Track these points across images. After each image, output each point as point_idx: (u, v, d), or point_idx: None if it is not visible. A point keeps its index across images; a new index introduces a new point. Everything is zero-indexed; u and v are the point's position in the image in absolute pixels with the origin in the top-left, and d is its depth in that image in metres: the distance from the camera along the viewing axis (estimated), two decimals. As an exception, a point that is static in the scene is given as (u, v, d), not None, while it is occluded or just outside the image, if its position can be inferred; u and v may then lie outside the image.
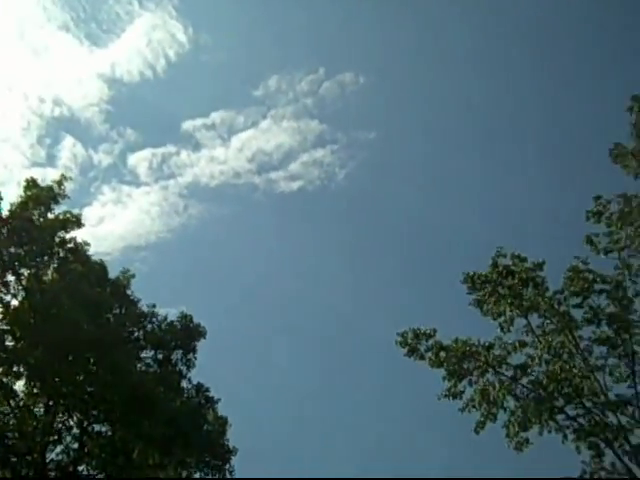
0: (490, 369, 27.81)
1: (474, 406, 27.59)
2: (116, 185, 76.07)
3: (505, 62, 73.52)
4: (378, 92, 77.28)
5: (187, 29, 76.95)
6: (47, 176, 34.37)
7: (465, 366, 27.80)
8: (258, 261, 73.55)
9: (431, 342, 28.23)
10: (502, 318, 28.36)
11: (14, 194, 32.95)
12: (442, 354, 27.90)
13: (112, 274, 34.39)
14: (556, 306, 28.03)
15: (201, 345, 34.27)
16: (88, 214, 67.43)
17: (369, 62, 76.37)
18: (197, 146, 77.93)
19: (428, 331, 28.32)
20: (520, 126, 73.42)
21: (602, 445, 26.82)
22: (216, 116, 73.97)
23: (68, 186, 33.70)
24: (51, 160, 70.84)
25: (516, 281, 28.38)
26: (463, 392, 27.95)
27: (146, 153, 73.63)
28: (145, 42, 75.53)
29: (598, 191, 28.90)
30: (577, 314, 28.11)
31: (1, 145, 71.49)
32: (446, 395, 27.91)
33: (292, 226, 75.27)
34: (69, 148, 72.01)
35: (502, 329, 28.36)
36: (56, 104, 79.91)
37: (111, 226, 70.60)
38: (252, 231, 75.07)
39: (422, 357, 28.25)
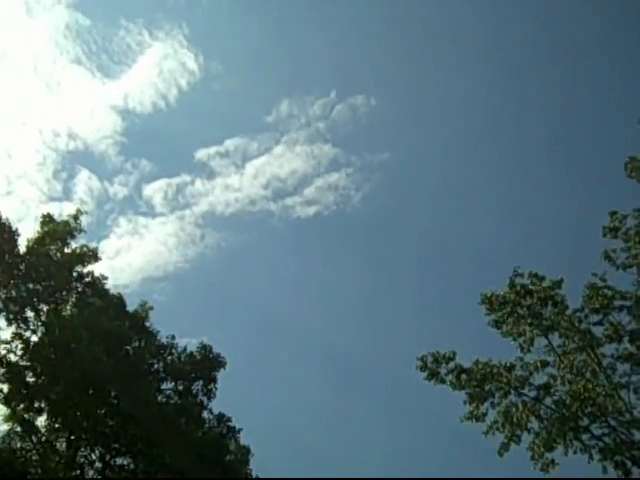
0: (512, 390, 27.52)
1: (498, 428, 27.29)
2: (132, 217, 76.29)
3: (519, 78, 73.53)
4: (390, 113, 77.49)
5: (198, 57, 77.55)
6: (64, 210, 34.93)
7: (487, 388, 27.53)
8: (276, 288, 73.57)
9: (451, 365, 27.99)
10: (522, 338, 28.09)
11: (31, 229, 33.31)
12: (463, 377, 27.65)
13: (131, 306, 34.62)
14: (576, 324, 27.73)
15: (221, 375, 34.29)
16: (105, 247, 67.91)
17: (380, 84, 76.68)
18: (211, 174, 78.19)
19: (448, 354, 28.07)
20: (535, 142, 73.45)
21: (629, 464, 26.45)
22: (229, 143, 74.26)
23: (84, 220, 34.04)
24: (67, 194, 71.25)
25: (535, 300, 28.15)
26: (486, 414, 27.67)
27: (161, 183, 73.89)
28: (157, 72, 76.10)
29: (614, 206, 28.74)
30: (598, 331, 27.85)
31: (18, 181, 72.25)
32: (469, 418, 27.63)
33: (309, 251, 75.35)
34: (85, 181, 72.41)
35: (522, 349, 28.05)
36: (70, 138, 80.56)
37: (128, 258, 70.77)
38: (269, 258, 75.12)
39: (442, 381, 28.00)
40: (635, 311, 27.33)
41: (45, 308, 31.90)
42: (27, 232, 33.01)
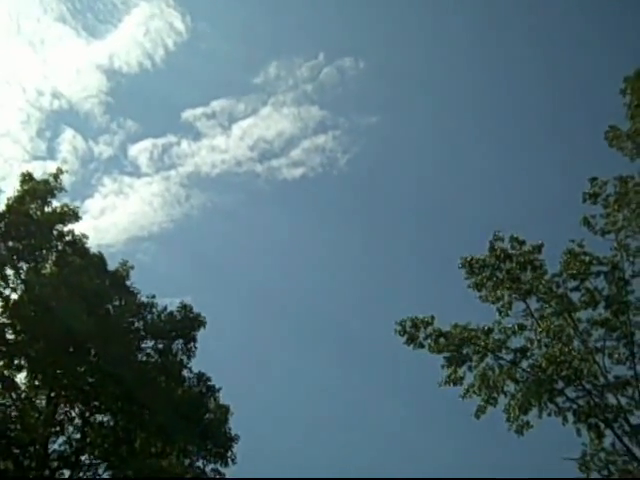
0: (489, 353, 27.88)
1: (475, 391, 27.68)
2: (117, 176, 76.15)
3: (504, 45, 73.53)
4: (378, 76, 77.17)
5: (185, 17, 76.69)
6: (48, 169, 34.72)
7: (464, 351, 27.86)
8: (261, 250, 73.72)
9: (430, 329, 28.26)
10: (500, 302, 28.41)
11: (14, 188, 33.14)
12: (441, 340, 27.94)
13: (114, 266, 34.55)
14: (554, 289, 28.10)
15: (203, 335, 34.39)
16: (90, 206, 67.75)
17: (369, 47, 76.09)
18: (197, 135, 78.13)
19: (426, 318, 28.33)
20: (519, 109, 73.53)
21: (602, 426, 26.96)
22: (216, 105, 73.75)
23: (69, 178, 33.88)
24: (51, 153, 70.82)
25: (514, 264, 28.43)
26: (463, 378, 28.02)
27: (147, 144, 73.57)
28: (143, 32, 75.35)
29: (594, 173, 28.97)
30: (575, 297, 28.21)
31: (1, 139, 71.52)
32: (447, 382, 27.98)
33: (295, 213, 75.30)
34: (69, 140, 71.97)
35: (500, 313, 28.41)
36: (55, 97, 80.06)
37: (113, 217, 70.62)
38: (255, 219, 75.13)
39: (421, 345, 28.27)
40: (611, 277, 27.71)
41: (25, 266, 31.78)
42: (10, 191, 32.98)
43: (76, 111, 73.54)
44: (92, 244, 33.79)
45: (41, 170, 33.96)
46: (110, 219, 69.91)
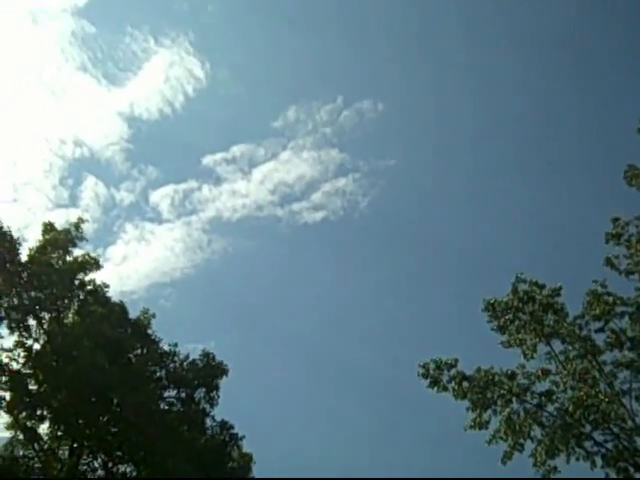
0: (514, 398, 27.49)
1: (501, 437, 27.25)
2: (139, 223, 77.09)
3: (524, 85, 73.85)
4: (397, 119, 77.99)
5: (204, 64, 78.15)
6: (70, 217, 34.99)
7: (489, 395, 27.49)
8: (282, 294, 73.62)
9: (453, 372, 27.95)
10: (524, 346, 28.08)
11: (37, 236, 33.45)
12: (465, 384, 27.60)
13: (137, 312, 34.67)
14: (577, 331, 27.76)
15: (226, 381, 34.32)
16: (112, 253, 68.37)
17: (386, 89, 76.91)
18: (218, 180, 78.89)
19: (450, 361, 28.02)
20: (539, 150, 73.55)
21: (631, 470, 26.45)
22: (236, 150, 74.62)
23: (91, 226, 34.13)
24: (74, 200, 71.83)
25: (537, 306, 28.14)
26: (489, 422, 27.61)
27: (168, 190, 74.76)
28: (163, 79, 76.90)
29: (615, 213, 28.78)
30: (599, 339, 27.85)
31: (24, 188, 72.69)
32: (472, 426, 27.57)
33: (317, 257, 75.30)
34: (91, 188, 73.09)
35: (525, 356, 28.04)
36: (77, 145, 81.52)
37: (135, 264, 71.23)
38: (276, 263, 75.32)
39: (445, 388, 27.95)
40: (636, 318, 27.35)
41: (47, 316, 31.98)
42: (33, 239, 33.39)
43: (98, 159, 74.72)
44: (114, 291, 34.07)
45: (64, 218, 34.53)
46: (132, 265, 70.46)
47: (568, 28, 70.96)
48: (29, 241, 33.21)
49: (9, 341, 30.83)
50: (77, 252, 33.72)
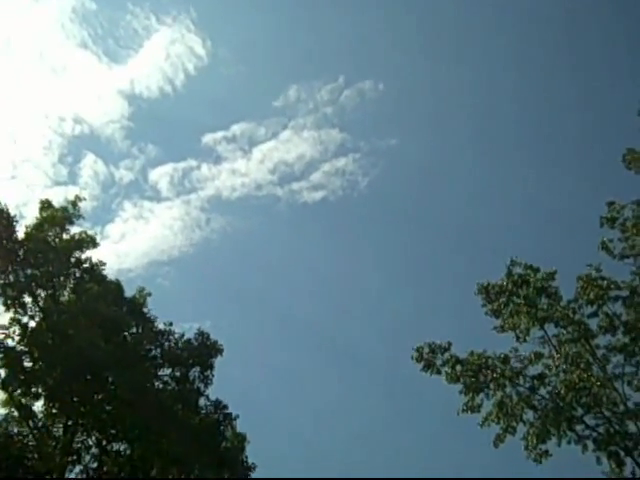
0: (507, 381, 27.53)
1: (493, 420, 27.32)
2: (138, 201, 76.56)
3: (525, 65, 73.67)
4: (398, 99, 77.42)
5: (205, 42, 77.46)
6: (69, 194, 34.91)
7: (481, 379, 27.52)
8: (280, 273, 73.58)
9: (447, 356, 27.98)
10: (518, 329, 28.09)
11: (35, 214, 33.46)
12: (458, 368, 27.63)
13: (134, 291, 34.74)
14: (571, 315, 27.76)
15: (221, 360, 34.41)
16: (110, 231, 68.25)
17: (388, 69, 76.47)
18: (218, 159, 78.40)
19: (443, 344, 28.05)
20: (537, 133, 73.34)
21: (622, 454, 26.52)
22: (236, 128, 74.04)
23: (89, 203, 34.10)
24: (73, 178, 71.37)
25: (531, 290, 28.14)
26: (481, 405, 27.67)
27: (167, 168, 73.96)
28: (164, 57, 76.16)
29: (612, 197, 28.77)
30: (593, 323, 27.87)
31: (23, 165, 72.56)
32: (464, 410, 27.63)
33: (316, 236, 75.16)
34: (90, 165, 72.51)
35: (519, 339, 28.06)
36: (77, 122, 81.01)
37: (133, 242, 70.92)
38: (275, 242, 74.96)
39: (438, 372, 27.97)
40: (630, 302, 27.37)
41: (43, 294, 31.95)
42: (32, 216, 33.48)
43: (97, 136, 74.22)
44: (112, 269, 34.17)
45: (62, 195, 34.51)
46: (130, 244, 70.27)
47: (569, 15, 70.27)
48: (27, 218, 33.32)
49: (5, 318, 30.88)
50: (74, 230, 33.75)
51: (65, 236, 33.38)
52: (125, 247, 68.51)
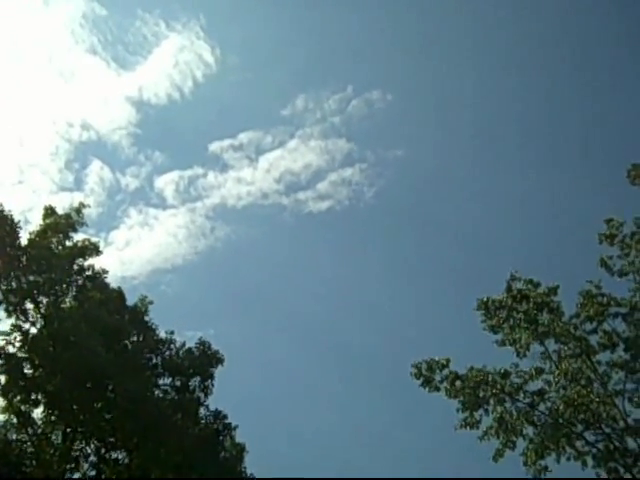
0: (507, 397, 27.48)
1: (492, 434, 27.26)
2: (143, 208, 76.73)
3: (535, 75, 73.60)
4: (406, 109, 77.54)
5: (214, 50, 77.74)
6: (75, 201, 35.06)
7: (481, 395, 27.45)
8: (285, 283, 73.57)
9: (445, 372, 27.92)
10: (518, 344, 28.03)
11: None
12: (457, 383, 27.57)
13: (135, 300, 34.73)
14: (572, 331, 27.74)
15: (223, 369, 34.40)
16: (115, 237, 68.48)
17: (396, 79, 76.33)
18: (224, 167, 78.28)
19: (441, 361, 27.99)
20: (544, 142, 73.44)
21: (622, 471, 26.49)
22: (243, 137, 74.04)
23: (95, 210, 34.40)
24: (79, 184, 71.67)
25: (531, 305, 28.11)
26: (479, 422, 27.61)
27: (173, 175, 74.03)
28: (172, 64, 76.26)
29: (615, 212, 28.82)
30: (593, 339, 27.84)
31: (30, 170, 72.59)
32: (462, 426, 27.58)
33: (321, 247, 75.12)
34: (97, 172, 72.66)
35: (518, 355, 28.01)
36: (84, 128, 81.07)
37: (138, 249, 71.04)
38: (280, 252, 74.86)
39: (437, 388, 27.91)
40: (630, 318, 27.36)
41: (45, 300, 31.88)
42: (37, 222, 33.53)
43: (104, 143, 74.47)
44: (116, 276, 34.17)
45: (68, 201, 34.49)
46: (135, 251, 70.39)
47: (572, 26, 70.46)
48: (33, 224, 33.44)
49: (6, 324, 30.82)
50: (78, 237, 33.78)
51: (68, 243, 33.42)
52: (129, 254, 68.72)
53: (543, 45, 72.37)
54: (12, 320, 30.83)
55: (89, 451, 31.46)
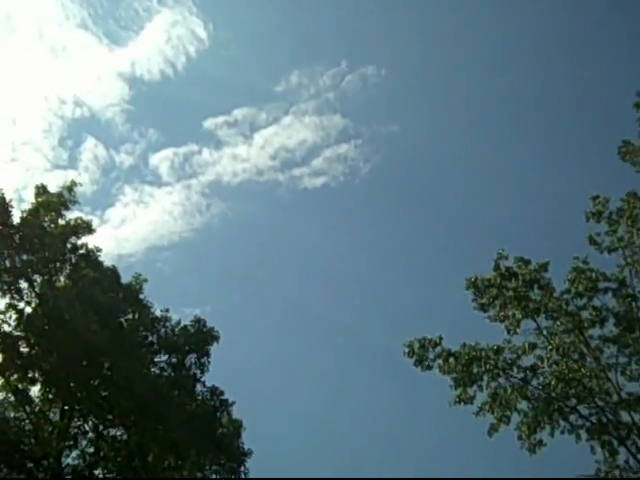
0: (500, 372, 27.63)
1: (488, 410, 27.48)
2: (138, 185, 76.32)
3: (523, 56, 73.22)
4: (401, 84, 76.77)
5: (207, 25, 76.75)
6: (69, 178, 34.89)
7: (474, 371, 27.59)
8: (282, 259, 73.59)
9: (438, 350, 28.02)
10: (508, 321, 28.14)
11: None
12: (451, 360, 27.68)
13: (132, 276, 34.85)
14: (564, 306, 27.86)
15: (220, 346, 34.51)
16: (110, 215, 68.23)
17: (391, 54, 75.75)
18: (219, 144, 77.82)
19: (434, 339, 28.06)
20: (537, 120, 73.08)
21: (615, 443, 26.76)
22: (238, 113, 73.36)
23: (90, 188, 34.40)
24: (73, 162, 71.04)
25: (520, 283, 28.18)
26: (474, 397, 27.79)
27: (168, 152, 73.39)
28: (165, 39, 75.44)
29: (605, 189, 28.88)
30: (585, 315, 27.95)
31: (22, 148, 72.13)
32: (457, 402, 27.75)
33: (316, 223, 75.04)
34: (91, 149, 71.94)
35: (509, 332, 28.10)
36: (77, 105, 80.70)
37: (133, 227, 70.77)
38: (276, 228, 74.72)
39: (429, 367, 28.03)
40: (619, 293, 27.52)
41: (39, 279, 31.97)
42: (31, 200, 33.47)
43: (98, 119, 73.70)
44: (113, 254, 34.36)
45: (62, 179, 34.24)
46: (130, 228, 70.16)
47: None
48: (27, 202, 33.37)
49: (0, 304, 30.98)
50: (72, 215, 33.74)
51: (61, 222, 33.38)
52: (125, 232, 68.51)
53: (541, 16, 71.71)
54: (7, 299, 31.05)
55: (87, 428, 31.79)
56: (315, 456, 52.99)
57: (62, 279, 32.83)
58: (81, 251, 33.29)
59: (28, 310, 31.25)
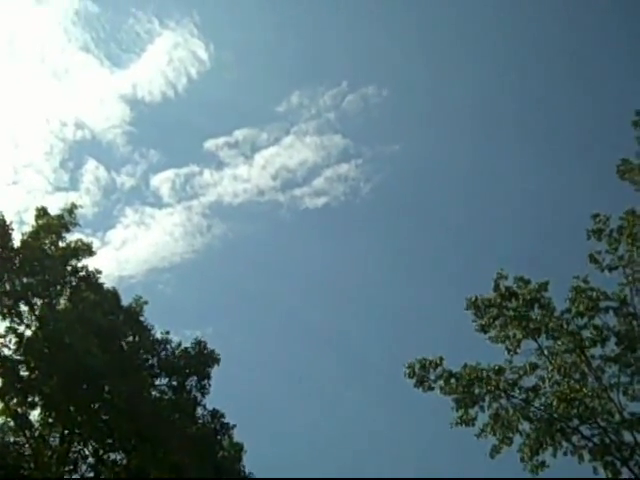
0: (502, 393, 27.47)
1: (489, 432, 27.30)
2: (139, 207, 76.24)
3: (532, 72, 73.37)
4: (401, 104, 76.74)
5: (209, 46, 77.14)
6: (70, 200, 34.94)
7: (476, 392, 27.44)
8: (283, 279, 73.41)
9: (439, 370, 27.88)
10: (508, 341, 28.00)
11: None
12: (452, 381, 27.54)
13: (133, 298, 34.80)
14: (565, 326, 27.73)
15: (222, 368, 34.52)
16: (111, 237, 68.15)
17: (392, 75, 75.82)
18: (220, 165, 77.88)
19: (435, 360, 27.90)
20: (540, 137, 73.14)
21: (618, 464, 26.53)
22: (239, 134, 73.56)
23: (90, 210, 34.42)
24: (74, 184, 71.03)
25: (520, 302, 28.07)
26: (475, 418, 27.61)
27: (169, 174, 73.43)
28: (166, 61, 75.96)
29: (604, 207, 28.83)
30: (586, 334, 27.81)
31: (24, 170, 72.03)
32: (458, 423, 27.58)
33: (318, 243, 74.91)
34: (92, 171, 72.00)
35: (509, 352, 27.95)
36: (78, 127, 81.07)
37: (134, 248, 70.63)
38: (277, 249, 74.70)
39: (430, 388, 27.88)
40: (621, 312, 27.41)
41: (39, 302, 31.94)
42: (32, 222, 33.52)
43: (99, 141, 73.81)
44: (114, 275, 34.25)
45: (64, 201, 34.23)
46: (131, 250, 70.04)
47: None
48: (28, 225, 33.47)
49: (0, 327, 30.93)
50: (72, 237, 33.81)
51: (61, 244, 33.45)
52: (126, 253, 68.43)
53: (541, 42, 72.03)
54: (7, 322, 31.05)
55: (87, 453, 31.69)
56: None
57: (62, 302, 32.81)
58: (81, 273, 33.34)
59: (28, 333, 31.24)
